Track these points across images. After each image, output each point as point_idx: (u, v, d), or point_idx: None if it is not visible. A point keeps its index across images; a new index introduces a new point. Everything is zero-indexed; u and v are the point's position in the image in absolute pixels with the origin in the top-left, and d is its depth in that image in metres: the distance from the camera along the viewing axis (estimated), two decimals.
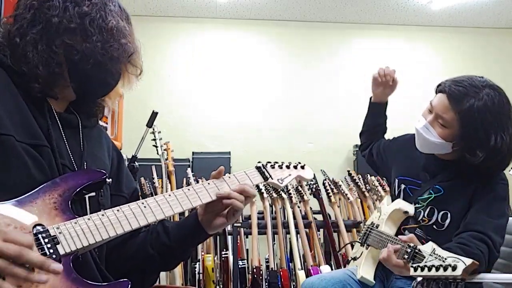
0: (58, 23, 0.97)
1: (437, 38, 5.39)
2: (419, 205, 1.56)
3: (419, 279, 1.25)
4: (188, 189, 1.05)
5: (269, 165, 1.20)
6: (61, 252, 0.86)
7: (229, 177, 1.12)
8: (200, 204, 1.06)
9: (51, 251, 0.85)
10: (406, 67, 5.25)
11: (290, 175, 1.23)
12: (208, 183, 1.09)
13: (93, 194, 1.00)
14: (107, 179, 1.01)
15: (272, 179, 1.18)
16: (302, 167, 1.26)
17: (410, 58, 5.28)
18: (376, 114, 1.90)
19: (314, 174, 1.30)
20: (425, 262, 1.13)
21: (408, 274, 1.21)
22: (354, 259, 1.69)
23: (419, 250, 1.18)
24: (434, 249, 1.13)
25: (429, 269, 1.09)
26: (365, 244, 1.61)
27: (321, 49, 5.30)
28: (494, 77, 1.50)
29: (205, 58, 5.13)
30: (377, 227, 1.60)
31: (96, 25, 0.99)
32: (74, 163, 1.01)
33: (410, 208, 1.54)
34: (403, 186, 1.63)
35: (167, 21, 5.12)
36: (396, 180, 1.67)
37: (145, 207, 0.98)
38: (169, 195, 1.02)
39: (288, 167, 1.23)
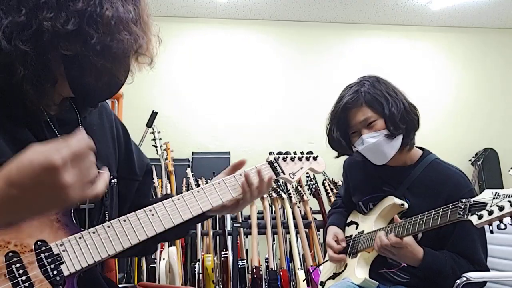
0: (52, 28, 0.78)
1: (437, 38, 5.39)
2: None
3: (460, 280, 1.26)
4: (198, 191, 0.99)
5: (280, 158, 1.13)
6: (66, 273, 0.81)
7: (240, 175, 1.05)
8: (210, 208, 1.00)
9: (55, 272, 0.80)
10: (406, 67, 5.26)
11: (302, 168, 1.16)
12: (219, 183, 1.03)
13: (92, 205, 0.93)
14: (111, 181, 0.96)
15: (284, 174, 1.11)
16: (315, 158, 1.19)
17: (410, 58, 5.28)
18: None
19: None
20: (491, 206, 1.09)
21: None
22: (334, 276, 1.65)
23: (475, 201, 1.14)
24: (496, 193, 1.09)
25: (501, 209, 1.06)
26: (351, 254, 1.60)
27: (321, 49, 5.30)
28: (493, 77, 1.51)
29: (205, 58, 5.12)
30: (360, 233, 1.60)
31: (92, 22, 0.81)
32: None
33: (404, 201, 1.50)
34: (371, 204, 1.62)
35: (167, 21, 5.11)
36: (361, 203, 1.65)
37: (153, 214, 0.91)
38: (178, 199, 0.96)
39: (300, 159, 1.16)
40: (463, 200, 1.18)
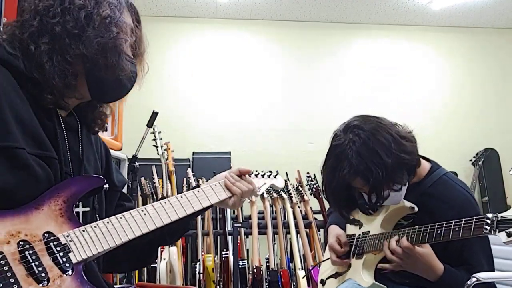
0: (61, 31, 0.94)
1: (437, 38, 5.38)
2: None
3: (470, 281, 1.25)
4: (181, 197, 1.10)
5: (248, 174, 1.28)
6: (74, 260, 0.87)
7: (215, 185, 1.17)
8: (192, 212, 1.09)
9: (64, 259, 0.86)
10: (406, 67, 5.26)
11: (265, 183, 1.33)
12: (213, 186, 1.15)
13: (87, 209, 1.02)
14: (104, 185, 1.02)
15: None
16: (275, 176, 1.37)
17: (410, 58, 5.28)
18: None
19: (286, 182, 1.35)
20: None
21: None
22: (336, 276, 1.62)
23: (503, 217, 1.08)
24: None
25: None
26: (356, 255, 1.55)
27: (321, 49, 5.30)
28: (494, 77, 1.50)
29: (205, 58, 5.12)
30: (365, 233, 1.55)
31: (95, 20, 0.97)
32: (71, 169, 1.01)
33: (413, 205, 1.45)
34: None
35: (167, 21, 5.11)
36: (367, 206, 1.58)
37: (145, 214, 1.01)
38: (165, 202, 1.07)
39: (263, 176, 1.35)
40: (490, 215, 1.12)
